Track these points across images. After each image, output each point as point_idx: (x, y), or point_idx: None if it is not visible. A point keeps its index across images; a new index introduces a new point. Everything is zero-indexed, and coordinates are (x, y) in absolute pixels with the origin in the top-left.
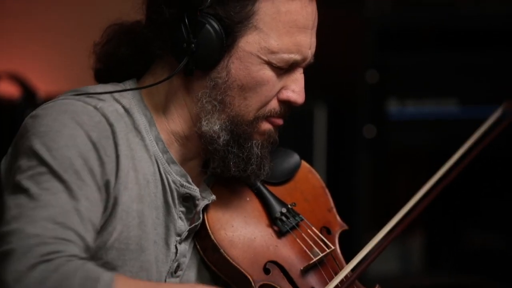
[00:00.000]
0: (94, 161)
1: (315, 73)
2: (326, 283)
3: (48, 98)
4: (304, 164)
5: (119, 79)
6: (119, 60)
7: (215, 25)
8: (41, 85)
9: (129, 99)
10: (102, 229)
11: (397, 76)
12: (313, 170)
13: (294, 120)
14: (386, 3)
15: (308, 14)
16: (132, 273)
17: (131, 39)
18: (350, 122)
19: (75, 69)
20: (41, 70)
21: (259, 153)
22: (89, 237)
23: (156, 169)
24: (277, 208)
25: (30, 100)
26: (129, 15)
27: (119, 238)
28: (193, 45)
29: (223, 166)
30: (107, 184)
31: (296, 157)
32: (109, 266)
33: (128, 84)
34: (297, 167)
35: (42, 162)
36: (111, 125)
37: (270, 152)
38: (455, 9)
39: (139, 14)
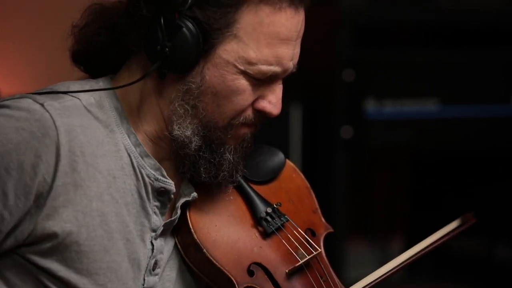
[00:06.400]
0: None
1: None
2: (312, 286)
3: None
4: (289, 163)
5: (95, 66)
6: (97, 49)
7: (192, 29)
8: (3, 86)
9: (100, 93)
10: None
11: (374, 74)
12: (298, 170)
13: (267, 121)
14: None
15: (293, 26)
16: (99, 275)
17: (110, 27)
18: (326, 122)
19: (38, 70)
20: (3, 70)
21: (231, 158)
22: None
23: (128, 163)
24: (262, 207)
25: None
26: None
27: (78, 240)
28: (167, 49)
29: (193, 171)
30: (26, 188)
31: (280, 156)
32: (73, 271)
33: (102, 81)
34: (282, 166)
35: None
36: (55, 121)
37: (250, 153)
38: (435, 5)
39: None
